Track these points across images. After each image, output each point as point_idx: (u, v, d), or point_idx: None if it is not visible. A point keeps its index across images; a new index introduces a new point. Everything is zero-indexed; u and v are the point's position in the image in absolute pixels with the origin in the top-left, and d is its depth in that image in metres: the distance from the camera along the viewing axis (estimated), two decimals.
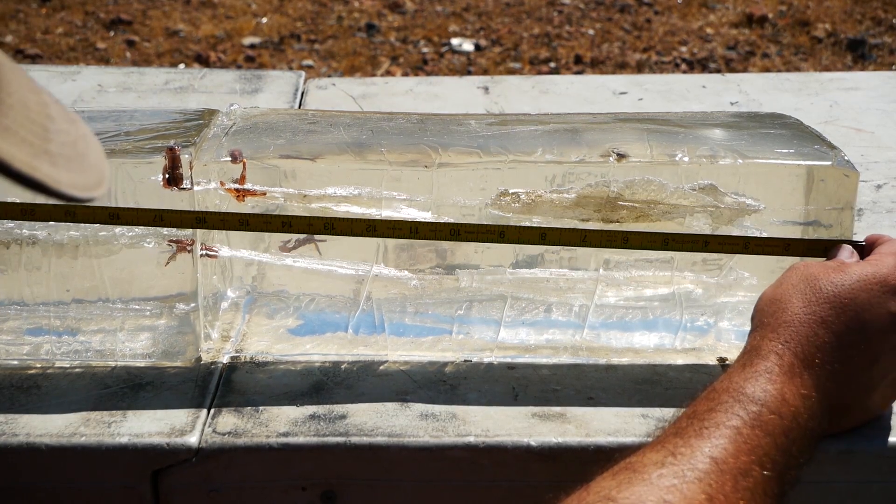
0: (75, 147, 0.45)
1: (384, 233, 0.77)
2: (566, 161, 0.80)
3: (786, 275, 0.72)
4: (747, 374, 0.66)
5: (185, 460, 0.72)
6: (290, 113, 1.01)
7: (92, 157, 0.46)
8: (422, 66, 3.33)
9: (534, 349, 0.82)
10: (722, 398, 0.65)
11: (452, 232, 0.77)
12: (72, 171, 0.44)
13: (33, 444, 0.72)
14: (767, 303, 0.71)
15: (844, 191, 0.79)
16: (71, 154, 0.44)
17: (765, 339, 0.68)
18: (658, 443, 0.63)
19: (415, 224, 0.77)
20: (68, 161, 0.44)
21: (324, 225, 0.77)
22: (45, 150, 0.43)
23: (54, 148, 0.44)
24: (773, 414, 0.63)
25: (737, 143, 0.82)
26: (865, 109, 1.28)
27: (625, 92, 1.33)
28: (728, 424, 0.62)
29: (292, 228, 0.77)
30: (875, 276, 0.70)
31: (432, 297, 0.83)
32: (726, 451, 0.61)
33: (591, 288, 0.83)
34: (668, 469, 0.59)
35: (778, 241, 0.77)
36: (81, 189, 0.44)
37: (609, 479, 0.60)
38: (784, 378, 0.65)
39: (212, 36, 3.51)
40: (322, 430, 0.73)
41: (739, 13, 3.66)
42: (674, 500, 0.57)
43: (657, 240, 0.77)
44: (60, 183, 0.43)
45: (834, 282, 0.69)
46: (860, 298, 0.69)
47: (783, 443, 0.63)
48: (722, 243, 0.77)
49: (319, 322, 0.84)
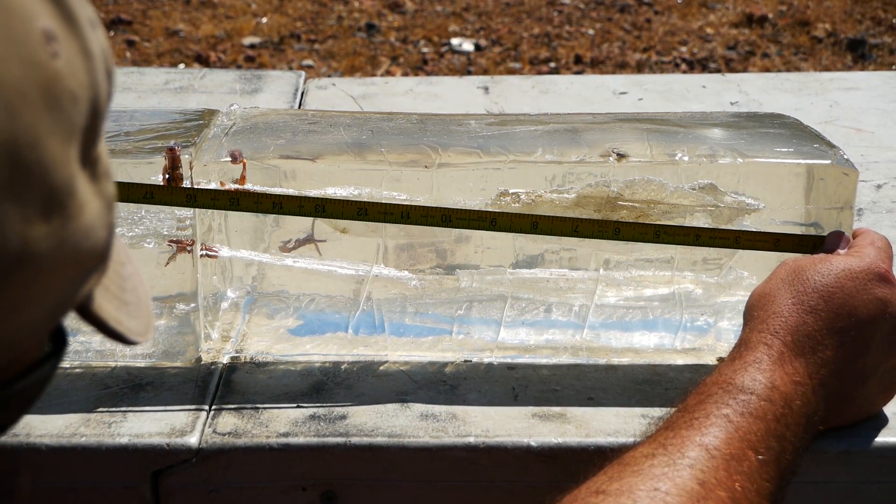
0: (137, 293, 0.47)
1: (375, 217, 0.77)
2: (566, 161, 0.80)
3: (775, 271, 0.73)
4: (736, 366, 0.66)
5: (186, 461, 0.72)
6: (290, 113, 1.01)
7: (144, 299, 0.48)
8: (422, 66, 3.33)
9: (534, 349, 0.82)
10: (711, 390, 0.65)
11: (444, 218, 0.77)
12: (138, 317, 0.46)
13: (33, 445, 0.72)
14: (757, 298, 0.72)
15: (844, 190, 0.79)
16: (136, 301, 0.47)
17: (754, 332, 0.69)
18: (650, 438, 0.63)
19: (406, 208, 0.77)
20: (136, 308, 0.46)
21: (314, 207, 0.77)
22: (124, 301, 0.45)
23: (128, 297, 0.46)
24: (764, 401, 0.64)
25: (736, 143, 0.82)
26: (865, 109, 1.28)
27: (625, 92, 1.33)
28: (718, 413, 0.63)
29: (283, 210, 0.77)
30: (859, 265, 0.71)
31: (432, 298, 0.83)
32: (717, 439, 0.61)
33: (591, 288, 0.83)
34: (658, 459, 0.60)
35: (768, 236, 0.78)
36: (143, 334, 0.47)
37: (601, 476, 0.60)
38: (774, 366, 0.66)
39: (212, 36, 3.51)
40: (322, 430, 0.73)
41: (739, 13, 3.66)
42: (664, 487, 0.57)
43: (649, 231, 0.77)
44: (132, 332, 0.45)
45: (820, 272, 0.70)
46: (847, 286, 0.70)
47: (776, 428, 0.63)
48: (713, 237, 0.77)
49: (319, 322, 0.84)
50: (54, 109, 0.35)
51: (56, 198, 0.35)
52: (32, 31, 0.34)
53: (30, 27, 0.34)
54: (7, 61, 0.33)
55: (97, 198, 0.39)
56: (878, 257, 0.72)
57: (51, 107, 0.35)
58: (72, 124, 0.36)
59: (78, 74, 0.37)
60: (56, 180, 0.35)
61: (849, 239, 0.77)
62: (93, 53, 0.38)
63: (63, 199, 0.36)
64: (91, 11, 0.40)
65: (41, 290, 0.36)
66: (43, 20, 0.35)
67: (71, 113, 0.36)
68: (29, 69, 0.34)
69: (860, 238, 0.76)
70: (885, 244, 0.75)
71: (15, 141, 0.33)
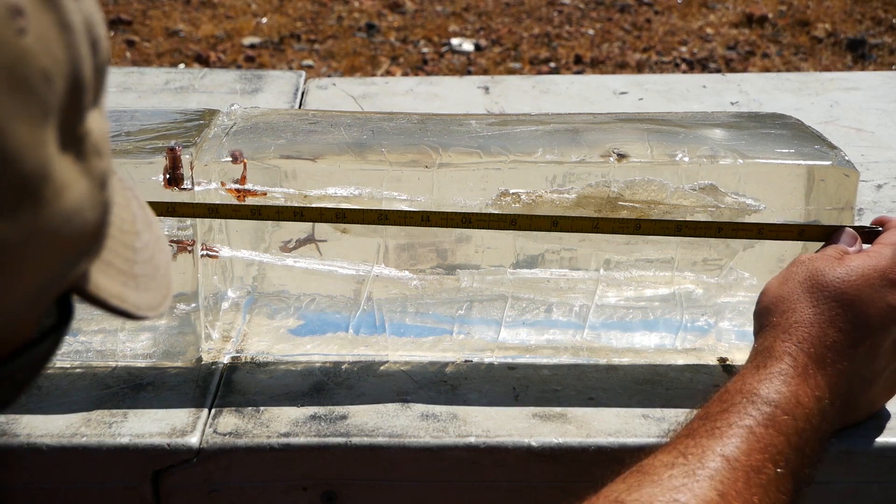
0: (152, 262, 0.45)
1: (396, 221, 0.77)
2: (566, 161, 0.80)
3: (791, 270, 0.72)
4: (761, 376, 0.66)
5: (186, 461, 0.72)
6: (291, 113, 1.01)
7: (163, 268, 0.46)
8: (422, 66, 3.33)
9: (534, 349, 0.82)
10: (735, 399, 0.64)
11: (464, 220, 0.77)
12: (149, 289, 0.44)
13: (34, 445, 0.72)
14: (775, 300, 0.71)
15: (845, 190, 0.79)
16: (150, 272, 0.44)
17: (777, 340, 0.68)
18: (669, 445, 0.62)
19: (426, 213, 0.77)
20: (148, 280, 0.44)
21: (335, 215, 0.77)
22: (132, 274, 0.43)
23: (138, 269, 0.43)
24: (787, 415, 0.63)
25: (737, 143, 0.82)
26: (865, 109, 1.28)
27: (625, 92, 1.33)
28: (741, 424, 0.62)
29: (304, 217, 0.77)
30: (876, 269, 0.70)
31: (433, 298, 0.83)
32: (738, 450, 0.61)
33: (592, 288, 0.83)
34: (678, 469, 0.59)
35: (792, 227, 0.77)
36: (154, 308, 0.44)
37: (619, 483, 0.59)
38: (798, 380, 0.65)
39: (212, 36, 3.51)
40: (323, 430, 0.73)
41: (739, 13, 3.66)
42: (684, 499, 0.57)
43: (670, 226, 0.77)
44: (140, 308, 0.43)
45: (840, 277, 0.70)
46: (864, 294, 0.69)
47: (796, 442, 0.63)
48: (736, 229, 0.77)
49: (320, 322, 0.84)
50: (20, 91, 0.33)
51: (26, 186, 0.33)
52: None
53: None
54: None
55: (83, 177, 0.36)
56: (893, 259, 0.71)
57: (15, 88, 0.32)
58: (45, 105, 0.34)
59: (53, 50, 0.34)
60: (25, 168, 0.33)
61: (856, 237, 0.76)
62: (71, 25, 0.35)
63: (35, 186, 0.33)
64: None
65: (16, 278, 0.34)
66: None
67: (43, 93, 0.34)
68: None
69: (886, 235, 0.74)
70: None
71: None
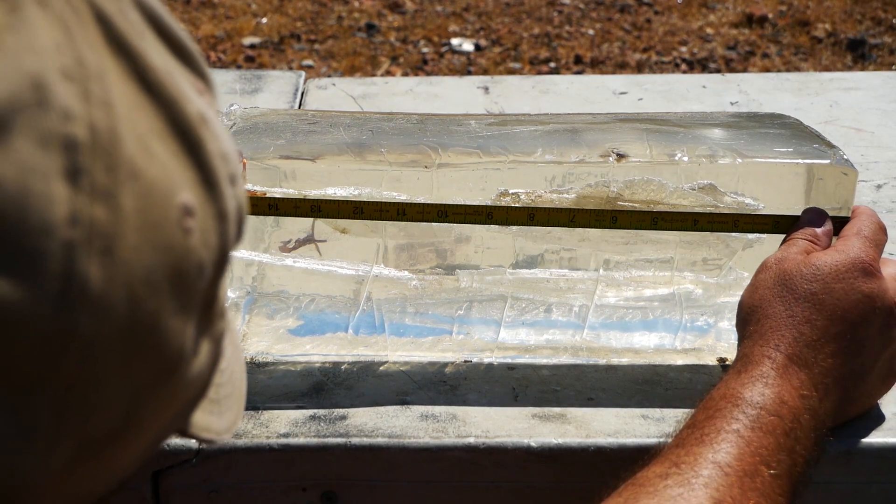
0: (232, 379, 0.44)
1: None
2: (566, 161, 0.80)
3: (759, 277, 0.73)
4: (743, 380, 0.66)
5: (186, 461, 0.72)
6: (290, 113, 1.01)
7: (238, 382, 0.45)
8: (422, 66, 3.33)
9: (534, 350, 0.82)
10: (720, 405, 0.65)
11: (440, 213, 0.78)
12: (230, 409, 0.43)
13: None
14: (749, 311, 0.71)
15: (843, 189, 0.79)
16: (230, 392, 0.44)
17: (755, 346, 0.68)
18: (661, 456, 0.63)
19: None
20: (227, 400, 0.43)
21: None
22: (217, 400, 0.42)
23: (221, 392, 0.43)
24: (774, 416, 0.63)
25: (736, 143, 0.82)
26: (865, 109, 1.28)
27: (625, 92, 1.33)
28: (729, 429, 0.62)
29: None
30: (844, 262, 0.70)
31: (432, 298, 0.83)
32: (730, 455, 0.61)
33: (591, 288, 0.83)
34: (672, 479, 0.59)
35: (766, 219, 0.78)
36: (231, 428, 0.43)
37: (616, 497, 0.59)
38: (780, 381, 0.66)
39: (212, 36, 3.51)
40: (322, 430, 0.73)
41: (739, 13, 3.66)
42: None
43: (646, 218, 0.77)
44: (221, 432, 0.42)
45: (807, 278, 0.70)
46: (835, 289, 0.69)
47: (786, 442, 0.63)
48: (711, 221, 0.77)
49: (319, 322, 0.84)
50: (179, 288, 0.33)
51: (166, 368, 0.33)
52: (170, 210, 0.32)
53: (168, 206, 0.32)
54: (139, 250, 0.31)
55: (207, 343, 0.37)
56: (862, 249, 0.71)
57: (176, 287, 0.33)
58: (194, 295, 0.34)
59: (209, 241, 0.34)
60: (169, 353, 0.33)
61: (824, 213, 0.76)
62: (227, 214, 0.36)
63: (173, 367, 0.34)
64: (234, 166, 0.37)
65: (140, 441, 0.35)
66: (183, 193, 0.33)
67: (196, 284, 0.34)
68: (160, 254, 0.32)
69: (848, 226, 0.75)
70: (872, 230, 0.74)
71: (132, 328, 0.31)
